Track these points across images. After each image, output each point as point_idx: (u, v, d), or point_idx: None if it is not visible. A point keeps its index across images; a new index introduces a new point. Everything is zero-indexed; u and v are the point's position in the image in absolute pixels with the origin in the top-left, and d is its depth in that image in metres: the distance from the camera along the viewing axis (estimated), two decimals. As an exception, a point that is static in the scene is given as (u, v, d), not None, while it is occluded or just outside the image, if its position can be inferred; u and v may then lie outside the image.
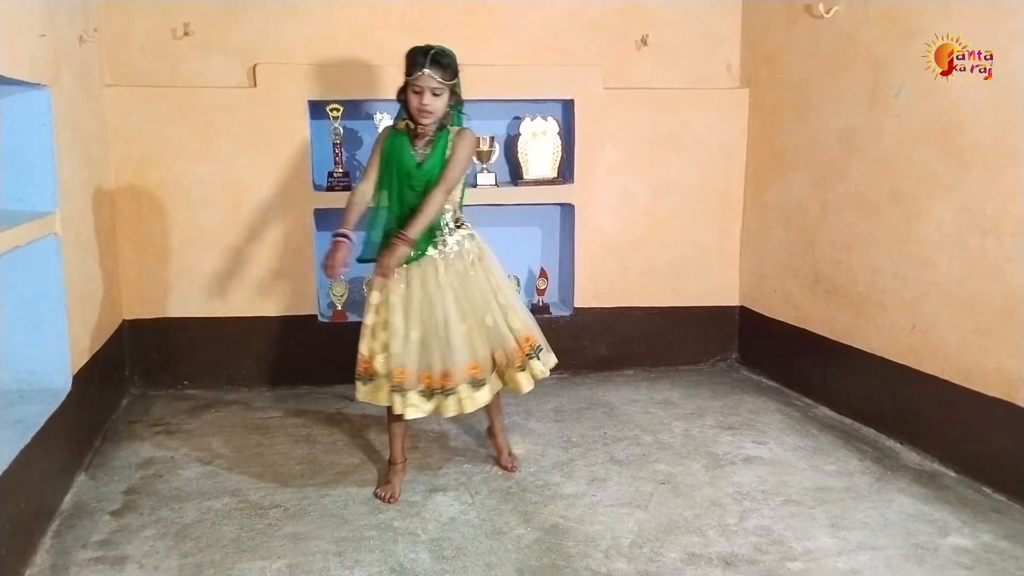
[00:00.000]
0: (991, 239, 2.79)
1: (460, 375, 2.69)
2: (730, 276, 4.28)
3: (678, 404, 3.72)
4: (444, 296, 2.68)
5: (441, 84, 2.60)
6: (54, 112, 2.79)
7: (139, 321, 3.82)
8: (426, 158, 2.68)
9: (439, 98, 2.62)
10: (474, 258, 2.77)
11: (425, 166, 2.67)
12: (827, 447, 3.20)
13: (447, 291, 2.69)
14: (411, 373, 2.68)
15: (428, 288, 2.69)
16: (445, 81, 2.61)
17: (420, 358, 2.69)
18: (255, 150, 3.78)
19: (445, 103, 2.65)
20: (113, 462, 3.07)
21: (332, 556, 2.41)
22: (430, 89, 2.59)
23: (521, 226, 4.32)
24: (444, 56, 2.62)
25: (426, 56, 2.58)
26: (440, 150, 2.68)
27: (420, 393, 2.70)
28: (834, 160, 3.54)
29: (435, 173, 2.66)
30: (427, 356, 2.69)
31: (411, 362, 2.68)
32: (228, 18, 3.75)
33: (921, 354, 3.10)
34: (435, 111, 2.63)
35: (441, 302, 2.68)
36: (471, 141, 2.73)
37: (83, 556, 2.41)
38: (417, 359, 2.69)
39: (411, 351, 2.68)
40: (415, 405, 2.70)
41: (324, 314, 4.05)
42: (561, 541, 2.50)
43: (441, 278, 2.70)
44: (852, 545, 2.46)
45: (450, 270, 2.72)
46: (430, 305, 2.68)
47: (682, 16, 4.09)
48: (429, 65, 2.58)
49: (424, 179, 2.67)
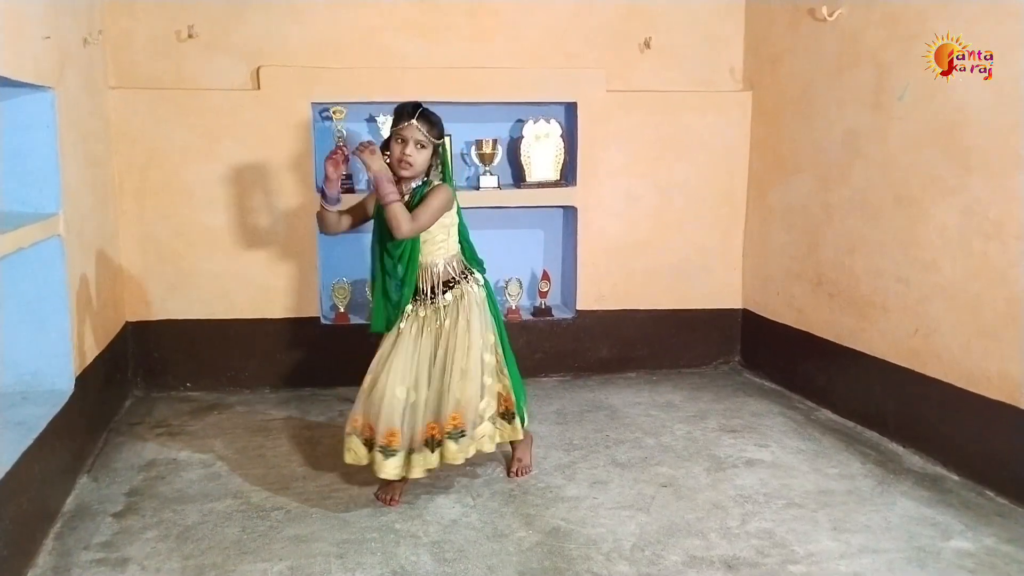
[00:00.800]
0: (995, 242, 2.78)
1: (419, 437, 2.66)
2: (733, 279, 4.28)
3: (680, 407, 3.71)
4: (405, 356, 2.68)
5: (426, 138, 2.61)
6: (58, 114, 2.80)
7: (142, 323, 3.83)
8: None
9: (422, 152, 2.63)
10: (457, 318, 2.72)
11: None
12: (829, 450, 3.20)
13: (410, 352, 2.68)
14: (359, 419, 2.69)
15: (399, 344, 2.69)
16: (430, 136, 2.62)
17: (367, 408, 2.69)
18: (259, 152, 3.79)
19: (426, 160, 2.65)
20: (115, 464, 3.08)
21: (334, 558, 2.41)
22: (414, 140, 2.61)
23: (524, 228, 4.33)
24: (432, 113, 2.66)
25: (415, 109, 2.63)
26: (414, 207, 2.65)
27: (364, 442, 2.69)
28: (837, 163, 3.53)
29: (407, 240, 2.64)
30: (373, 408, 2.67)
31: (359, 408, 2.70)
32: (232, 20, 3.76)
33: (924, 357, 3.10)
34: (415, 164, 2.63)
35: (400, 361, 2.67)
36: (446, 192, 2.67)
37: (85, 558, 2.41)
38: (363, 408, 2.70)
39: (361, 397, 2.70)
40: (353, 451, 2.69)
41: (327, 316, 4.05)
42: (563, 544, 2.50)
43: (413, 339, 2.69)
44: (854, 548, 2.46)
45: (428, 331, 2.71)
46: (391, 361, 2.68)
47: (685, 19, 4.09)
48: (417, 117, 2.61)
49: (398, 248, 2.66)
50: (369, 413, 2.68)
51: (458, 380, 2.68)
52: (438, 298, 2.72)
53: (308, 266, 3.90)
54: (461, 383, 2.68)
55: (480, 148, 4.00)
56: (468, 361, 2.70)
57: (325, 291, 4.05)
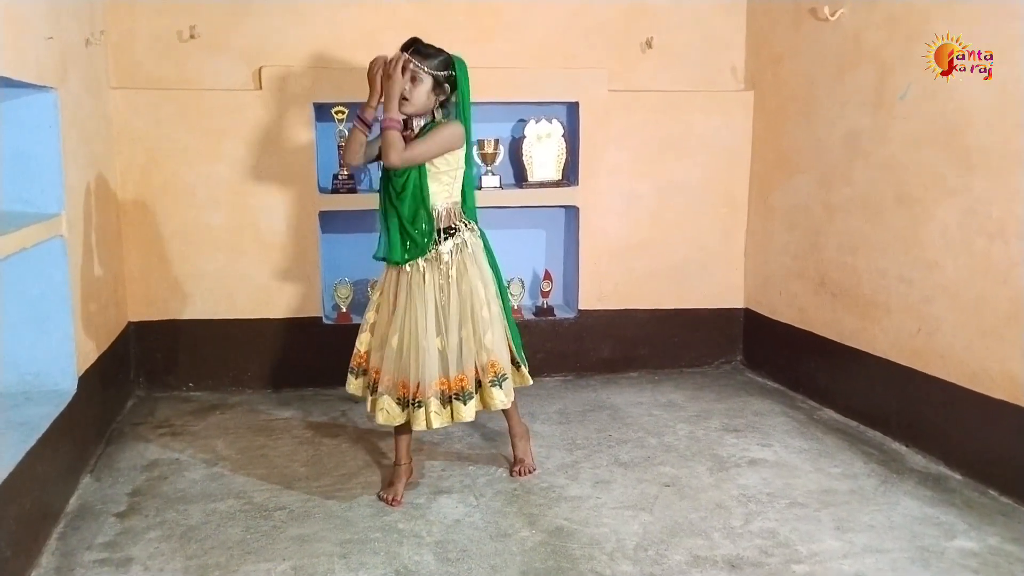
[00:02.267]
0: (997, 242, 2.78)
1: (429, 390, 2.66)
2: (735, 278, 4.28)
3: (683, 406, 3.71)
4: (426, 308, 2.67)
5: (419, 69, 2.60)
6: (60, 114, 2.80)
7: (144, 323, 3.83)
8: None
9: (419, 87, 2.62)
10: (463, 267, 2.73)
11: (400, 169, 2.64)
12: (832, 450, 3.20)
13: (429, 303, 2.67)
14: (387, 379, 2.69)
15: (413, 298, 2.68)
16: (424, 68, 2.61)
17: (397, 366, 2.69)
18: (260, 152, 3.79)
19: (425, 94, 2.64)
20: (118, 464, 3.08)
21: (337, 558, 2.41)
22: (409, 74, 2.60)
23: (526, 228, 4.32)
24: (428, 47, 2.65)
25: (411, 44, 2.64)
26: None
27: (397, 401, 2.70)
28: (839, 162, 3.53)
29: (411, 173, 2.63)
30: (403, 366, 2.68)
31: (388, 367, 2.69)
32: (234, 21, 3.76)
33: (926, 357, 3.10)
34: (412, 98, 2.62)
35: (422, 314, 2.66)
36: (453, 128, 2.66)
37: (88, 558, 2.41)
38: (394, 367, 2.69)
39: (389, 356, 2.68)
40: (386, 410, 2.69)
41: (329, 316, 4.05)
42: (566, 543, 2.50)
43: (426, 289, 2.68)
44: (858, 548, 2.46)
45: (434, 281, 2.69)
46: (412, 315, 2.67)
47: (687, 19, 4.09)
48: (411, 51, 2.62)
49: (400, 181, 2.64)
50: (400, 369, 2.67)
51: (485, 328, 2.71)
52: (440, 244, 2.69)
53: (310, 266, 3.90)
54: (489, 330, 2.71)
55: (482, 148, 4.00)
56: (488, 308, 2.73)
57: (327, 291, 4.04)
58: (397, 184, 2.66)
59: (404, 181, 2.65)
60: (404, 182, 2.65)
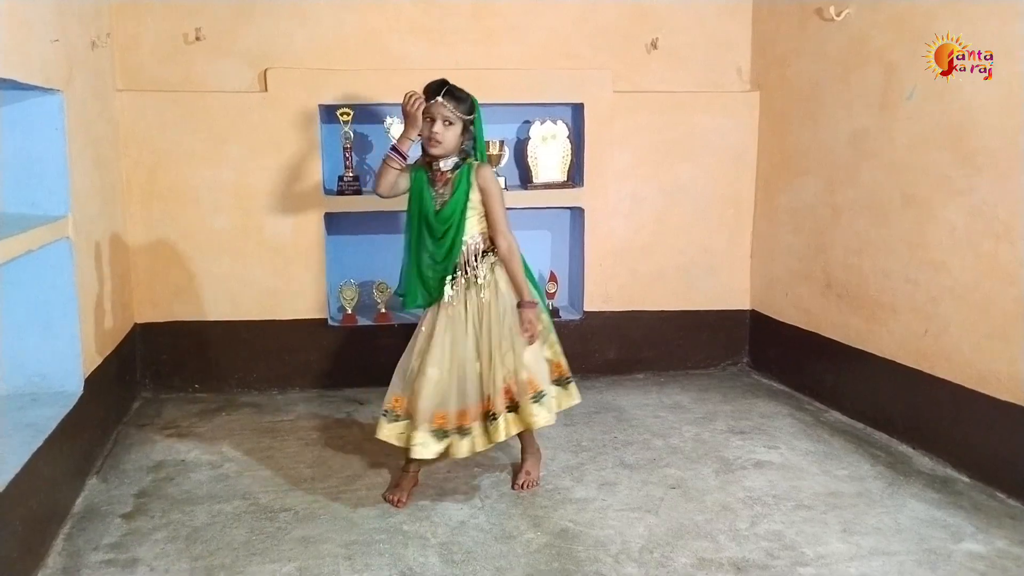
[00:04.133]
0: (1004, 243, 2.77)
1: (473, 413, 2.69)
2: (741, 280, 4.27)
3: (688, 408, 3.71)
4: (466, 335, 2.68)
5: (453, 114, 2.61)
6: (66, 116, 2.81)
7: (150, 324, 3.84)
8: (445, 204, 2.67)
9: (450, 129, 2.63)
10: (496, 288, 2.72)
11: (444, 213, 2.66)
12: (839, 452, 3.19)
13: (470, 330, 2.69)
14: (424, 410, 2.66)
15: (454, 327, 2.69)
16: (458, 113, 2.62)
17: (435, 397, 2.66)
18: (266, 154, 3.80)
19: (456, 136, 2.65)
20: (124, 465, 3.09)
21: (342, 560, 2.41)
22: (442, 117, 2.61)
23: (531, 230, 4.31)
24: (459, 90, 2.66)
25: (442, 87, 2.63)
26: (461, 188, 2.66)
27: (432, 433, 2.67)
28: (845, 163, 3.52)
29: (455, 217, 2.65)
30: (442, 396, 2.67)
31: (425, 400, 2.65)
32: (239, 23, 3.77)
33: (933, 358, 3.08)
34: (444, 142, 2.63)
35: (462, 343, 2.67)
36: (492, 173, 2.72)
37: (94, 559, 2.41)
38: (432, 398, 2.66)
39: (426, 388, 2.65)
40: (423, 444, 2.65)
41: (334, 318, 4.05)
42: (571, 545, 2.49)
43: (467, 317, 2.69)
44: (864, 550, 2.45)
45: (474, 303, 2.70)
46: (453, 344, 2.68)
47: (692, 19, 4.09)
48: (444, 95, 2.61)
49: (443, 227, 2.66)
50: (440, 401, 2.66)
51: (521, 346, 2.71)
52: (477, 269, 2.70)
53: (315, 268, 3.91)
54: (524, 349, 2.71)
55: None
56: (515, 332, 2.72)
57: (332, 293, 4.05)
58: (438, 230, 2.67)
59: (447, 228, 2.66)
60: (446, 228, 2.66)
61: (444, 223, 2.67)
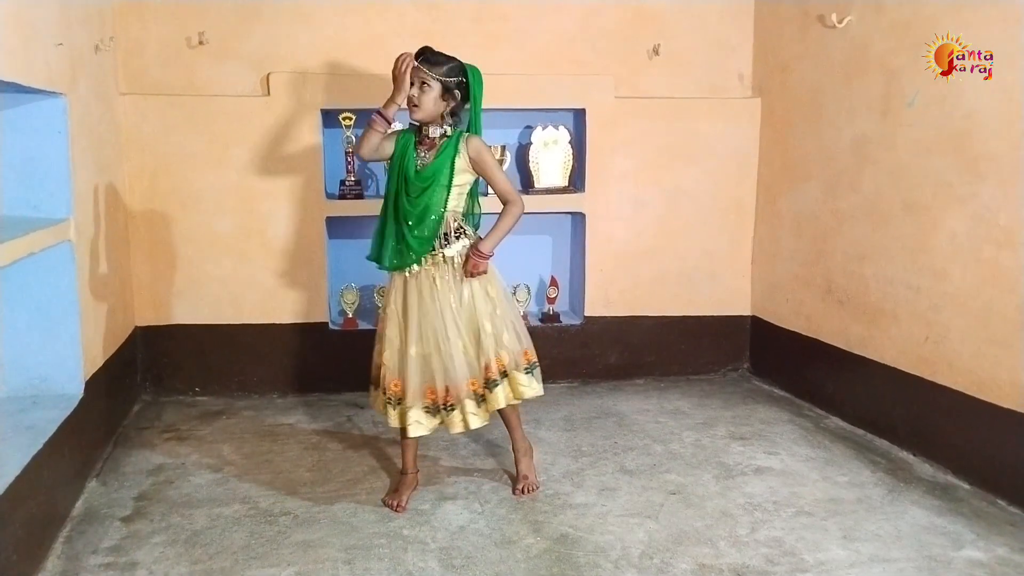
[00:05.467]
0: (1005, 250, 2.77)
1: (462, 392, 2.68)
2: (742, 285, 4.27)
3: (689, 414, 3.70)
4: (442, 311, 2.67)
5: (428, 76, 2.60)
6: (69, 120, 2.82)
7: (151, 328, 3.84)
8: (426, 165, 2.67)
9: (428, 93, 2.62)
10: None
11: (425, 173, 2.66)
12: (839, 458, 3.18)
13: (444, 305, 2.67)
14: (413, 388, 2.68)
15: (425, 303, 2.68)
16: (433, 75, 2.61)
17: (422, 374, 2.69)
18: (268, 158, 3.80)
19: (435, 101, 2.63)
20: (124, 468, 3.09)
21: (341, 564, 2.41)
22: (419, 80, 2.61)
23: (532, 235, 4.32)
24: (438, 54, 2.66)
25: (421, 52, 2.64)
26: (446, 156, 2.66)
27: (424, 409, 2.70)
28: (847, 169, 3.52)
29: (435, 179, 2.64)
30: (429, 371, 2.68)
31: (413, 377, 2.68)
32: (242, 27, 3.78)
33: (934, 365, 3.08)
34: (422, 105, 2.63)
35: (439, 317, 2.66)
36: (484, 143, 2.71)
37: (94, 562, 2.41)
38: (420, 375, 2.69)
39: (412, 366, 2.67)
40: (419, 422, 2.69)
41: (335, 322, 4.06)
42: (571, 551, 2.49)
43: (438, 292, 2.68)
44: (864, 557, 2.44)
45: (447, 282, 2.69)
46: (429, 320, 2.67)
47: (694, 25, 4.09)
48: (419, 59, 2.62)
49: (422, 185, 2.66)
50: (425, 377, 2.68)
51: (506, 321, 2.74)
52: (449, 247, 2.69)
53: (316, 271, 3.91)
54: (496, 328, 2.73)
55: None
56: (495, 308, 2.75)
57: (333, 296, 4.05)
58: (415, 189, 2.66)
59: (425, 188, 2.65)
60: (424, 189, 2.65)
61: (423, 182, 2.65)
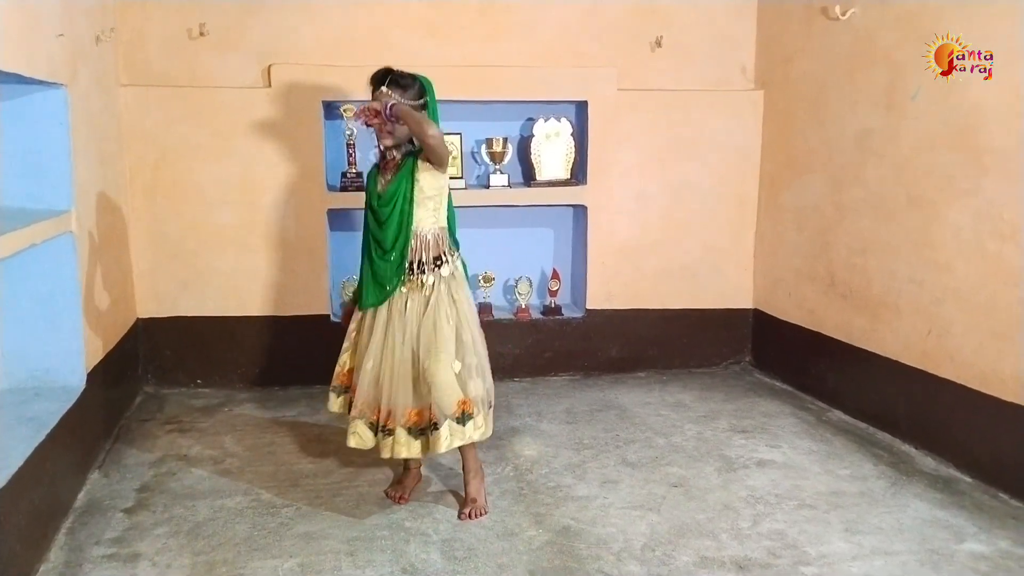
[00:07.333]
0: (1009, 244, 2.76)
1: (400, 419, 2.57)
2: (744, 279, 4.26)
3: (691, 407, 3.70)
4: (404, 335, 2.58)
5: (403, 104, 2.52)
6: (71, 111, 2.81)
7: (153, 320, 3.84)
8: (387, 186, 2.59)
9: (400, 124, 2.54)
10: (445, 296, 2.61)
11: (386, 195, 2.58)
12: (841, 451, 3.18)
13: (408, 331, 2.58)
14: (361, 402, 2.60)
15: (392, 324, 2.60)
16: (406, 100, 2.54)
17: (371, 390, 2.61)
18: (269, 150, 3.79)
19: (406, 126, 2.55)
20: (126, 460, 3.09)
21: (344, 555, 2.41)
22: (395, 116, 2.52)
23: (534, 227, 4.32)
24: (404, 76, 2.58)
25: (385, 76, 2.57)
26: (406, 168, 2.57)
27: (368, 425, 2.61)
28: (850, 163, 3.51)
29: (397, 198, 2.55)
30: (376, 391, 2.60)
31: (362, 391, 2.61)
32: (243, 19, 3.77)
33: (937, 358, 3.08)
34: (396, 132, 2.56)
35: (399, 341, 2.58)
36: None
37: (96, 553, 2.42)
38: (368, 390, 2.60)
39: (363, 380, 2.60)
40: (359, 435, 2.61)
41: (337, 314, 4.05)
42: (573, 543, 2.49)
43: (408, 316, 2.59)
44: (867, 550, 2.44)
45: (415, 310, 2.59)
46: (390, 341, 2.59)
47: (697, 18, 4.08)
48: (388, 84, 2.55)
49: (386, 209, 2.57)
50: (373, 394, 2.59)
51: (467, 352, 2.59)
52: (426, 274, 2.60)
53: (318, 264, 3.91)
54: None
55: (490, 146, 4.00)
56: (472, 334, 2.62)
57: (335, 289, 4.05)
58: (383, 213, 2.58)
59: (390, 210, 2.57)
60: (390, 211, 2.57)
61: (387, 202, 2.57)
